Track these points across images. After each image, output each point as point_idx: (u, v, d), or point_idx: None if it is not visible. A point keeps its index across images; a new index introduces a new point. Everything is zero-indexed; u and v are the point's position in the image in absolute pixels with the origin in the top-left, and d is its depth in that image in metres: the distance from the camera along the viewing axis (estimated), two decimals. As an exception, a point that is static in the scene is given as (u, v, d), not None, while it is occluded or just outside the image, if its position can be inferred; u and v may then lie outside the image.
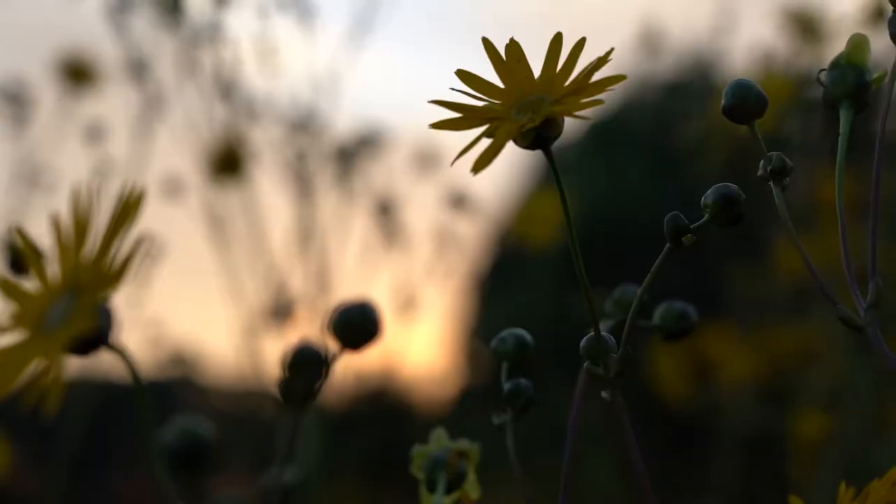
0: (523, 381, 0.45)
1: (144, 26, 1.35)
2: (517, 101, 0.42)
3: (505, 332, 0.46)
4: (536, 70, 0.42)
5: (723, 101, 0.44)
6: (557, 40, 0.41)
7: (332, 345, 0.38)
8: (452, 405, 3.19)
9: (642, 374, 1.56)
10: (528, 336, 0.46)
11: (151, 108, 1.38)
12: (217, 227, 1.41)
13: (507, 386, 0.45)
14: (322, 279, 1.42)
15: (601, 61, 0.40)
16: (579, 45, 0.41)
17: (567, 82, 0.41)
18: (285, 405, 0.39)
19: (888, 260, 1.22)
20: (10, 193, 1.38)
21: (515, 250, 2.41)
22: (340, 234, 1.43)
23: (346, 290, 1.43)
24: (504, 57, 0.42)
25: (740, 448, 1.37)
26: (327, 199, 1.41)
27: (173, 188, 1.41)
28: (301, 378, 0.38)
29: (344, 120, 1.45)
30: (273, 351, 1.41)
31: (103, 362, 1.47)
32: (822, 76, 0.44)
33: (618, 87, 0.41)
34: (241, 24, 1.35)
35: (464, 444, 0.44)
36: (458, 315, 3.32)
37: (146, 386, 0.37)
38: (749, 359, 1.38)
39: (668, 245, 0.43)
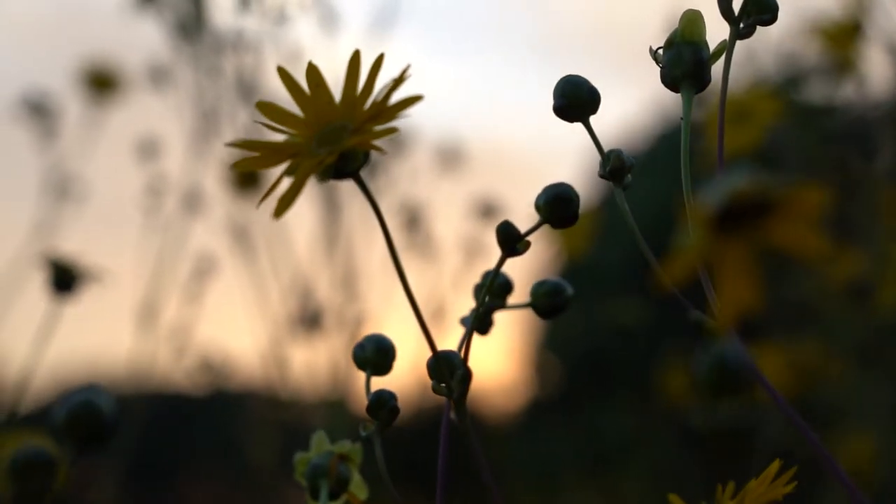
0: (385, 391, 0.42)
1: (166, 33, 1.35)
2: (320, 130, 0.39)
3: (365, 338, 0.44)
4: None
5: (553, 102, 0.41)
6: (356, 60, 0.39)
7: (61, 444, 0.35)
8: (522, 416, 3.17)
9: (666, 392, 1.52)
10: (388, 341, 0.43)
11: (175, 116, 1.38)
12: (242, 235, 1.40)
13: (370, 396, 0.42)
14: (348, 285, 1.40)
15: (397, 82, 0.37)
16: (377, 64, 0.38)
17: (367, 105, 0.38)
18: None
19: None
20: (41, 205, 1.39)
21: (587, 262, 2.37)
22: (366, 239, 1.41)
23: (373, 296, 1.41)
24: (304, 85, 0.40)
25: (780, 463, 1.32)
26: (352, 204, 1.39)
27: (197, 200, 1.40)
28: (26, 484, 0.35)
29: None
30: (301, 358, 1.40)
31: (160, 373, 1.47)
32: (659, 55, 0.41)
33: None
34: (262, 28, 1.34)
35: (345, 445, 0.42)
36: (527, 327, 3.29)
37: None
38: (786, 373, 1.33)
39: (501, 254, 0.41)
